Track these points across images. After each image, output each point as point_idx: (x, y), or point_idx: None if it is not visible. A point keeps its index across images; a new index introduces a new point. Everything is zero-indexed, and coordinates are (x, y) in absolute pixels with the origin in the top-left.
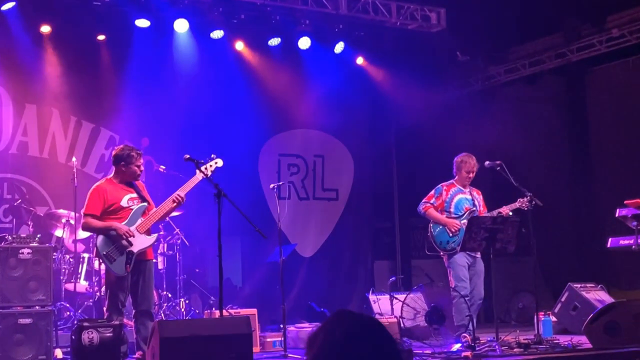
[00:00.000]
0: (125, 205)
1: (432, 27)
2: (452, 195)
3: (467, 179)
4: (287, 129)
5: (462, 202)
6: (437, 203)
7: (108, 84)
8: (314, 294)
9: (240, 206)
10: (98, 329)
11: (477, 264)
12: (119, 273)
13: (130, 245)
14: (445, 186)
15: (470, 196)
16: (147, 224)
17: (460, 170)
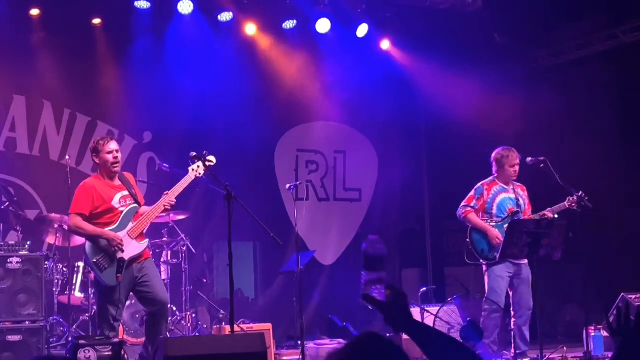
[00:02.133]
0: (116, 206)
1: (467, 6)
2: (495, 194)
3: (512, 175)
4: (305, 122)
5: (505, 203)
6: (478, 205)
7: (105, 72)
8: (335, 307)
9: (254, 208)
10: (96, 347)
11: (522, 271)
12: (109, 283)
13: (121, 253)
14: (486, 185)
15: (514, 194)
16: (139, 229)
17: (503, 166)
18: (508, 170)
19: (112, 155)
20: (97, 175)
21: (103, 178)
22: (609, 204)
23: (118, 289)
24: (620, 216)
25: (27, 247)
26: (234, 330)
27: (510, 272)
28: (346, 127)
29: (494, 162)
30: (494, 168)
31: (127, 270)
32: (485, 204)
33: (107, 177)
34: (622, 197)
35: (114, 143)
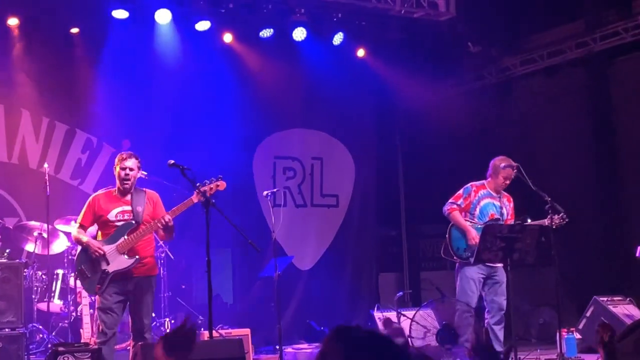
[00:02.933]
0: (112, 219)
1: (440, 15)
2: (480, 197)
3: (501, 185)
4: (282, 129)
5: (488, 207)
6: (464, 204)
7: (84, 81)
8: (313, 311)
9: (232, 214)
10: (75, 354)
11: (497, 273)
12: (89, 292)
13: (106, 265)
14: (474, 186)
15: (500, 202)
16: (129, 244)
17: (498, 175)
18: (501, 180)
19: (124, 172)
20: (110, 190)
21: (114, 192)
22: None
23: (109, 297)
24: (592, 220)
25: (6, 254)
26: (213, 335)
27: (483, 274)
28: (323, 134)
29: (491, 167)
30: (488, 172)
31: (119, 281)
32: (470, 205)
33: (119, 192)
34: (595, 202)
35: (130, 161)
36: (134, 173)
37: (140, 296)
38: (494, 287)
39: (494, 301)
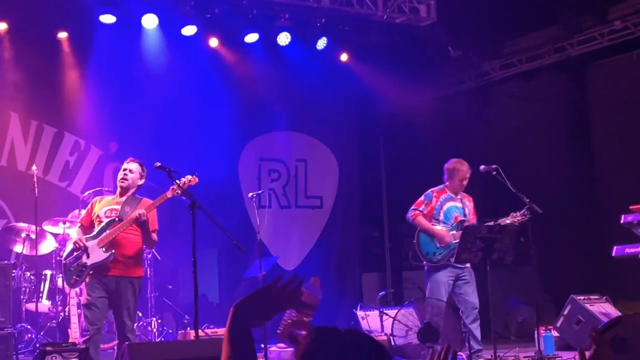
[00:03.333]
0: (101, 215)
1: (421, 21)
2: (442, 202)
3: (460, 187)
4: (267, 132)
5: (452, 210)
6: (426, 210)
7: (71, 85)
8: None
9: (218, 215)
10: (62, 353)
11: (465, 273)
12: (67, 283)
13: (87, 258)
14: (435, 192)
15: (461, 204)
16: (107, 239)
17: (454, 177)
18: (458, 182)
19: (123, 172)
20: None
21: (116, 194)
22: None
23: (91, 293)
24: (570, 221)
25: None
26: (199, 335)
27: (452, 276)
28: (307, 136)
29: (446, 172)
30: (445, 177)
31: (101, 278)
32: (433, 210)
33: (118, 193)
34: (572, 203)
35: (132, 164)
36: (132, 176)
37: (120, 296)
38: (464, 287)
39: (467, 301)
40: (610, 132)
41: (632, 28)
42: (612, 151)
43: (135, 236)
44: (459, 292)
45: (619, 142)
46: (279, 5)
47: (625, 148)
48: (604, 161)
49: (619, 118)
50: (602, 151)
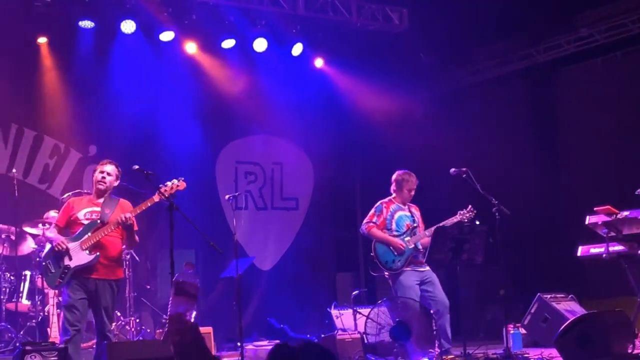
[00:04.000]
0: (81, 218)
1: (394, 28)
2: (393, 212)
3: (408, 197)
4: (244, 136)
5: (402, 219)
6: (379, 221)
7: (51, 89)
8: (273, 310)
9: (196, 217)
10: (42, 352)
11: (428, 275)
12: (50, 286)
13: (69, 260)
14: (385, 204)
15: (410, 212)
16: (91, 241)
17: (402, 189)
18: (406, 192)
19: (101, 175)
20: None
21: (91, 196)
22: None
23: (72, 295)
24: (537, 223)
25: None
26: None
27: (417, 280)
28: (283, 140)
29: (394, 183)
30: (392, 187)
31: (82, 280)
32: (385, 221)
33: (95, 195)
34: (538, 204)
35: (108, 166)
36: (110, 178)
37: (100, 297)
38: (431, 287)
39: (438, 301)
40: (575, 137)
41: (597, 35)
42: (577, 155)
43: (116, 238)
44: (427, 294)
45: (583, 146)
46: (256, 12)
47: (590, 152)
48: (569, 164)
49: (584, 123)
50: (568, 155)
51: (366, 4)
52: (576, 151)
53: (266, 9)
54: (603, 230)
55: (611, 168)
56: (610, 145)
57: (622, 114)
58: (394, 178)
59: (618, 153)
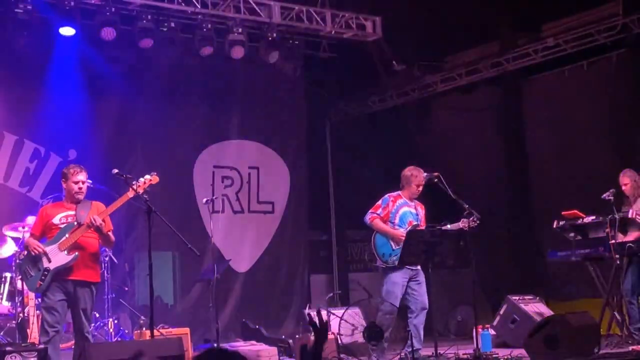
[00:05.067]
0: (56, 222)
1: (367, 36)
2: (398, 207)
3: (415, 193)
4: (221, 140)
5: (407, 215)
6: (383, 214)
7: (32, 94)
8: (249, 311)
9: (173, 220)
10: (22, 353)
11: (418, 275)
12: (31, 289)
13: (48, 262)
14: (392, 197)
15: (415, 210)
16: (69, 242)
17: (410, 184)
18: (413, 187)
19: (77, 185)
20: (61, 200)
21: (64, 202)
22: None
23: (51, 296)
24: (506, 227)
25: None
26: (154, 334)
27: (406, 277)
28: (260, 144)
29: (402, 178)
30: (401, 182)
31: (61, 282)
32: (390, 214)
33: (69, 201)
34: (508, 209)
35: (82, 174)
36: (85, 186)
37: (78, 299)
38: (417, 287)
39: (418, 301)
40: (543, 143)
41: (564, 45)
42: (545, 160)
43: (94, 238)
44: (411, 292)
45: (551, 152)
46: (233, 20)
47: (558, 157)
48: (537, 170)
49: (551, 129)
50: (536, 160)
51: (340, 13)
52: (544, 157)
53: (243, 17)
54: (570, 234)
55: (578, 173)
56: (577, 151)
57: (588, 121)
58: (403, 173)
59: (584, 158)
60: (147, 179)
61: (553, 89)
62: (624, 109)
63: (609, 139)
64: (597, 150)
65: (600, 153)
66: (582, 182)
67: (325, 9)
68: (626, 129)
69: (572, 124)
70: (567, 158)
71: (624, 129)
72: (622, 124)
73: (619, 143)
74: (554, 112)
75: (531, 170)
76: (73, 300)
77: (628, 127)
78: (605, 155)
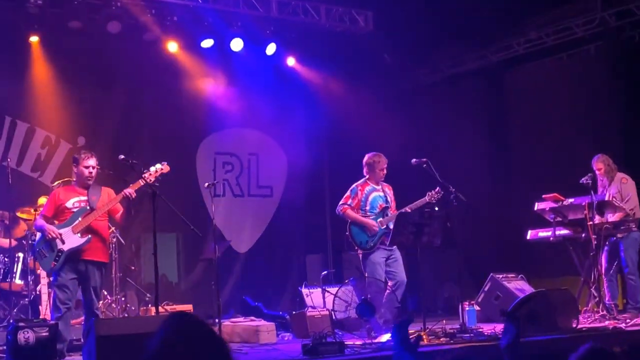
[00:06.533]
0: (69, 206)
1: (360, 30)
2: (367, 193)
3: (381, 176)
4: (222, 129)
5: (376, 200)
6: (354, 203)
7: (43, 84)
8: (248, 289)
9: (177, 203)
10: (34, 328)
11: (394, 253)
12: (45, 269)
13: (62, 244)
14: (359, 186)
15: (383, 193)
16: (83, 225)
17: (374, 169)
18: (378, 172)
19: (87, 170)
20: (72, 184)
21: (74, 185)
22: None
23: (63, 275)
24: (489, 209)
25: None
26: (159, 311)
27: (383, 256)
28: (259, 132)
29: (365, 166)
30: (365, 170)
31: (73, 262)
32: (360, 202)
33: (79, 186)
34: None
35: (93, 159)
36: (95, 171)
37: (89, 277)
38: (394, 264)
39: (397, 274)
40: (524, 130)
41: (545, 38)
42: (527, 147)
43: (104, 222)
44: (389, 269)
45: (532, 139)
46: (233, 14)
47: (538, 144)
48: (519, 155)
49: (533, 118)
50: (518, 147)
51: (334, 7)
52: (526, 143)
53: (242, 11)
54: (550, 216)
55: (558, 159)
56: (557, 137)
57: (567, 110)
58: (365, 161)
59: (564, 145)
60: (158, 168)
61: (535, 79)
62: (601, 98)
63: (586, 126)
64: (575, 136)
65: (578, 139)
66: (561, 166)
67: (320, 3)
68: (603, 117)
69: (552, 112)
70: (547, 144)
71: (600, 117)
72: (599, 111)
73: (596, 130)
74: (535, 101)
75: (513, 155)
76: (84, 278)
77: (605, 114)
78: (583, 141)
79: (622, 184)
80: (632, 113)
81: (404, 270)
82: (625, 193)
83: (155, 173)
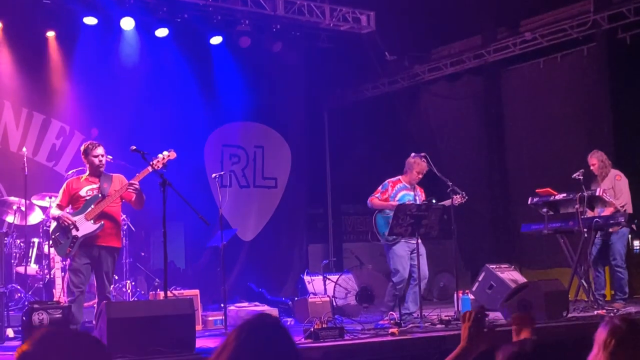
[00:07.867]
0: (83, 194)
1: (362, 29)
2: (397, 191)
3: (416, 179)
4: (230, 122)
5: (404, 198)
6: (382, 197)
7: (58, 77)
8: (253, 276)
9: (185, 193)
10: (48, 310)
11: (419, 247)
12: (61, 255)
13: (76, 231)
14: (391, 182)
15: (413, 193)
16: (95, 212)
17: (412, 170)
18: (414, 174)
19: (97, 159)
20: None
21: (87, 175)
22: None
23: (77, 260)
24: (485, 202)
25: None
26: (167, 295)
27: (408, 250)
28: (265, 126)
29: (406, 164)
30: (405, 168)
31: (87, 247)
32: (389, 198)
33: (91, 175)
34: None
35: (100, 148)
36: (105, 158)
37: (102, 262)
38: (419, 258)
39: (420, 270)
40: (520, 127)
41: (540, 39)
42: (522, 143)
43: (117, 208)
44: (413, 263)
45: (527, 136)
46: (240, 12)
47: (533, 140)
48: (515, 151)
49: (528, 115)
50: (514, 143)
51: (338, 7)
52: (521, 140)
53: (250, 10)
54: (543, 210)
55: (551, 155)
56: (550, 135)
57: (561, 108)
58: (407, 160)
59: (557, 142)
60: (165, 155)
61: (530, 78)
62: (593, 97)
63: (579, 124)
64: (568, 134)
65: (571, 136)
66: (554, 162)
67: (325, 3)
68: (595, 115)
69: (546, 110)
70: (541, 141)
71: (593, 115)
72: (592, 110)
73: (588, 127)
74: (530, 99)
75: (509, 151)
76: (97, 263)
77: (597, 113)
78: (576, 138)
79: (616, 181)
80: (622, 112)
81: (426, 264)
82: (618, 189)
83: (162, 159)
